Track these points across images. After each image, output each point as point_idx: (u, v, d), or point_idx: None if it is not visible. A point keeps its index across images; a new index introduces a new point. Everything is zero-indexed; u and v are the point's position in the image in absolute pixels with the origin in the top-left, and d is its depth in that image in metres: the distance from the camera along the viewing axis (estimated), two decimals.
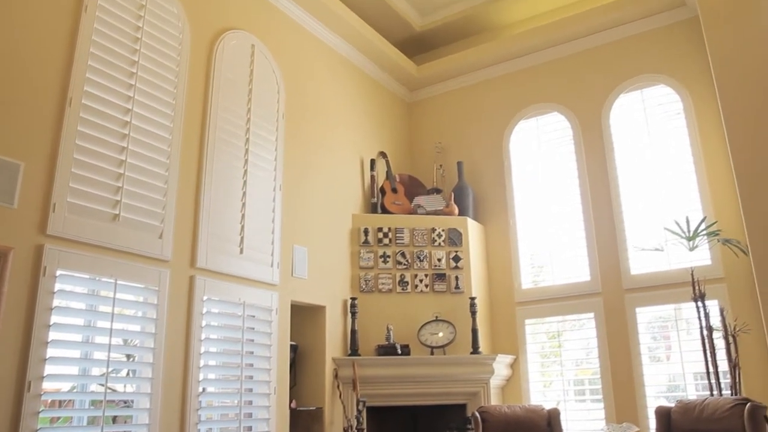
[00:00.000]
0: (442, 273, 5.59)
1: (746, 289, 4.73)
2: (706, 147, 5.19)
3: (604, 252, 5.44)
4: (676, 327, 5.04)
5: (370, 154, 6.06)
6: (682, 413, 4.17)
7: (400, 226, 5.68)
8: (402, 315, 5.43)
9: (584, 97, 5.90)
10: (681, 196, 5.24)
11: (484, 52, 6.30)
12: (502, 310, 5.81)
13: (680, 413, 4.18)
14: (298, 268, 4.82)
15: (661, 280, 5.13)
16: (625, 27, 5.79)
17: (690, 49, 5.44)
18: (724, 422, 3.90)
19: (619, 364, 5.10)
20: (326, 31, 5.68)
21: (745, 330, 4.53)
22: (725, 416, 3.90)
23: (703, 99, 5.29)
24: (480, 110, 6.48)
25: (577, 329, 5.51)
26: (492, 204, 6.15)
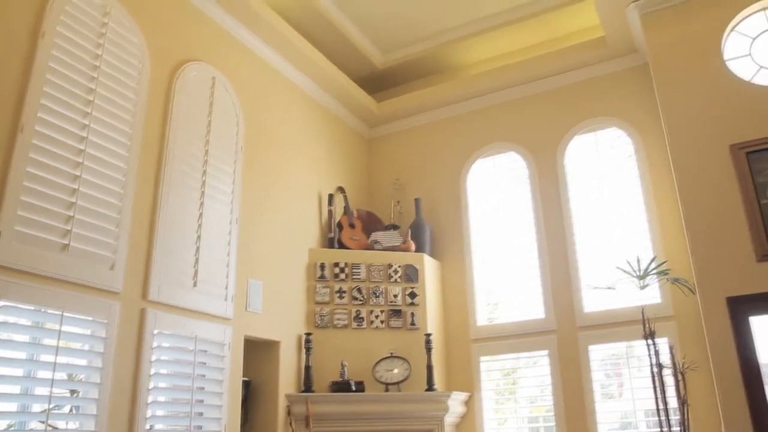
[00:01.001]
0: (398, 309, 5.58)
1: (694, 327, 4.85)
2: (656, 189, 5.36)
3: (558, 290, 5.52)
4: (628, 364, 5.12)
5: (329, 188, 6.07)
6: None
7: (356, 261, 5.67)
8: (357, 351, 5.38)
9: (540, 138, 6.04)
10: (632, 236, 5.37)
11: (443, 91, 6.43)
12: (457, 346, 5.82)
13: None
14: (253, 302, 4.75)
15: (613, 318, 5.22)
16: (580, 71, 5.99)
17: (641, 94, 5.65)
18: None
19: (573, 401, 5.14)
20: (288, 65, 5.72)
21: (693, 367, 4.62)
22: None
23: (653, 142, 5.49)
24: (438, 148, 6.57)
25: (531, 366, 5.54)
26: (449, 241, 6.20)
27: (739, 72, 4.79)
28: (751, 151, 4.55)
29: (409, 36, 6.39)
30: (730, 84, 4.75)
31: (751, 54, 4.87)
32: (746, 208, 4.46)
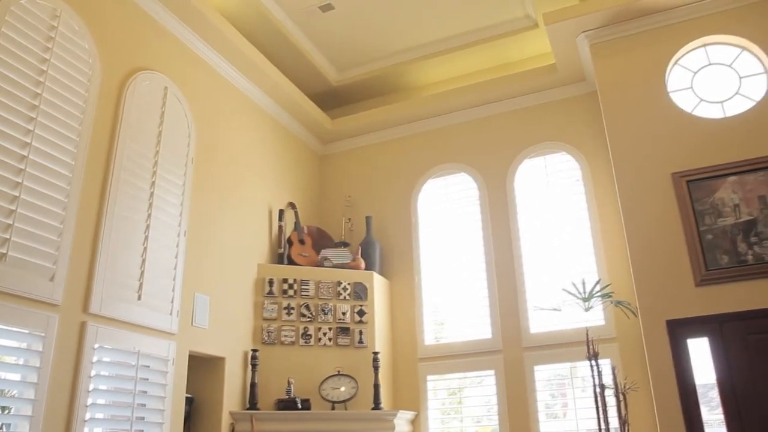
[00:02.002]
0: (346, 327, 5.55)
1: (635, 348, 4.98)
2: (601, 213, 5.51)
3: (505, 310, 5.59)
4: (572, 384, 5.21)
5: (279, 204, 6.02)
6: None
7: (305, 278, 5.62)
8: (304, 368, 5.32)
9: (491, 160, 6.15)
10: (578, 259, 5.50)
11: (397, 111, 6.48)
12: (404, 365, 5.82)
13: None
14: (199, 317, 4.65)
15: (558, 339, 5.31)
16: (531, 96, 6.14)
17: (590, 121, 5.82)
18: None
19: (518, 420, 5.19)
20: (242, 78, 5.68)
21: (634, 388, 4.74)
22: None
23: (599, 168, 5.65)
24: (390, 166, 6.61)
25: (477, 386, 5.58)
26: (398, 259, 6.22)
27: (681, 104, 4.99)
28: (692, 180, 4.74)
29: (364, 55, 6.44)
30: (673, 115, 4.94)
31: (692, 87, 5.08)
32: (686, 235, 4.63)
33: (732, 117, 4.81)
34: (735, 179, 4.63)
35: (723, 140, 4.74)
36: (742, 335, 4.34)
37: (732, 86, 4.98)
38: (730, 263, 4.48)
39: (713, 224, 4.60)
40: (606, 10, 5.10)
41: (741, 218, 4.55)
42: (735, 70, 5.01)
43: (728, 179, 4.65)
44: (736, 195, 4.60)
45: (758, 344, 4.29)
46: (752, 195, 4.57)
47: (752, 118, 4.73)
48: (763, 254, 4.43)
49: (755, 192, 4.56)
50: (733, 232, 4.54)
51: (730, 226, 4.56)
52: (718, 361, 4.35)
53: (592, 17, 5.17)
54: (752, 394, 4.20)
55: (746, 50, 5.00)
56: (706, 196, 4.67)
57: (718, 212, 4.61)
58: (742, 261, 4.46)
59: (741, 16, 4.98)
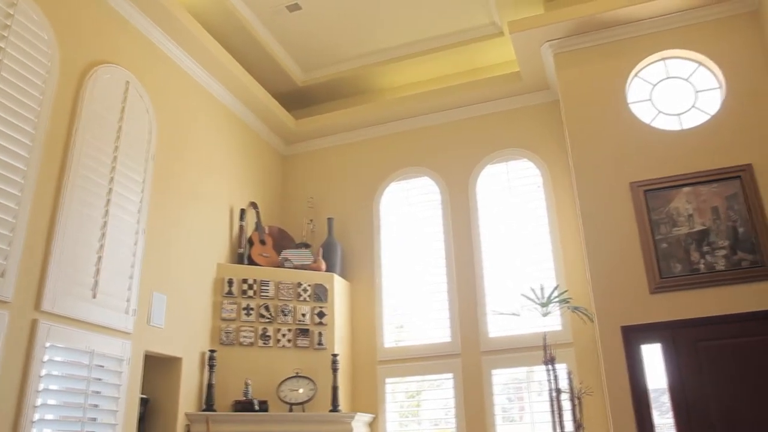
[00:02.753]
0: (306, 328, 5.52)
1: (591, 354, 5.07)
2: (561, 220, 5.60)
3: (464, 314, 5.63)
4: (528, 389, 5.28)
5: (241, 203, 5.96)
6: None
7: (266, 278, 5.58)
8: (262, 370, 5.27)
9: (454, 165, 6.19)
10: (538, 265, 5.57)
11: (361, 113, 6.48)
12: (363, 368, 5.81)
13: None
14: (156, 316, 4.57)
15: (516, 344, 5.38)
16: (495, 102, 6.21)
17: (552, 129, 5.91)
18: None
19: (475, 424, 5.24)
20: (206, 75, 5.61)
21: (588, 392, 4.82)
22: None
23: (560, 176, 5.74)
24: (354, 169, 6.61)
25: (436, 389, 5.61)
26: (360, 262, 6.22)
27: (640, 115, 5.11)
28: (649, 190, 4.85)
29: (331, 56, 6.43)
30: (633, 125, 5.06)
31: (651, 99, 5.21)
32: (642, 243, 4.74)
33: (688, 130, 4.94)
34: (690, 190, 4.76)
35: (679, 152, 4.87)
36: (693, 342, 4.46)
37: (689, 100, 5.12)
38: (683, 272, 4.60)
39: (668, 233, 4.72)
40: (570, 21, 5.19)
41: (694, 228, 4.68)
42: (692, 84, 5.15)
43: (683, 190, 4.78)
44: (691, 205, 4.73)
45: (707, 351, 4.41)
46: (705, 206, 4.70)
47: (707, 132, 4.87)
48: (714, 263, 4.56)
49: (708, 203, 4.70)
50: (687, 242, 4.66)
51: (684, 236, 4.68)
52: (669, 366, 4.46)
53: (557, 27, 5.26)
54: (701, 398, 4.32)
55: (703, 65, 5.15)
56: (662, 206, 4.79)
57: (673, 222, 4.73)
58: (694, 270, 4.59)
59: (698, 32, 5.13)
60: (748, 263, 4.49)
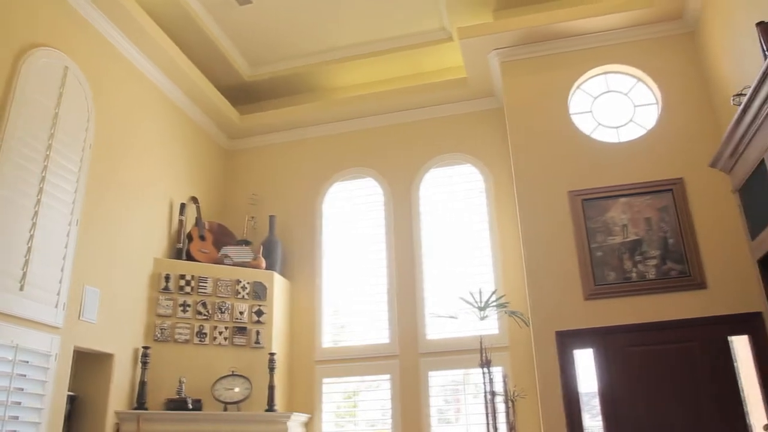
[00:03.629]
0: (244, 326, 5.45)
1: (526, 357, 5.17)
2: (501, 226, 5.70)
3: (403, 316, 5.67)
4: (465, 391, 5.35)
5: (181, 197, 5.83)
6: None
7: (204, 275, 5.47)
8: (197, 368, 5.17)
9: (398, 167, 6.22)
10: (477, 269, 5.66)
11: (308, 111, 6.44)
12: (301, 367, 5.77)
13: None
14: (88, 311, 4.42)
15: (453, 346, 5.44)
16: (441, 107, 6.27)
17: (495, 136, 6.01)
18: None
19: (412, 425, 5.27)
20: (150, 65, 5.46)
21: (522, 395, 4.93)
22: None
23: (502, 182, 5.84)
24: (298, 167, 6.55)
25: (373, 390, 5.62)
26: (300, 261, 6.17)
27: (581, 126, 5.25)
28: (586, 199, 4.99)
29: (279, 52, 6.36)
30: (573, 136, 5.20)
31: (592, 111, 5.36)
32: (578, 251, 4.87)
33: (625, 142, 5.11)
34: (625, 201, 4.92)
35: (616, 163, 5.03)
36: (623, 347, 4.61)
37: (627, 114, 5.29)
38: (616, 279, 4.76)
39: (603, 242, 4.87)
40: (517, 31, 5.29)
41: (628, 237, 4.84)
42: (630, 99, 5.33)
43: (619, 200, 4.93)
44: (626, 216, 4.89)
45: (637, 356, 4.57)
46: (639, 216, 4.87)
47: (643, 145, 5.05)
48: (645, 272, 4.72)
49: (642, 214, 4.87)
50: (621, 251, 4.82)
51: (618, 245, 4.84)
52: (600, 371, 4.59)
53: (504, 36, 5.35)
54: (629, 402, 4.47)
55: (641, 81, 5.34)
56: (598, 215, 4.93)
57: (609, 231, 4.88)
58: (626, 278, 4.74)
59: (639, 49, 5.32)
60: (677, 273, 4.68)
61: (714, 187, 4.77)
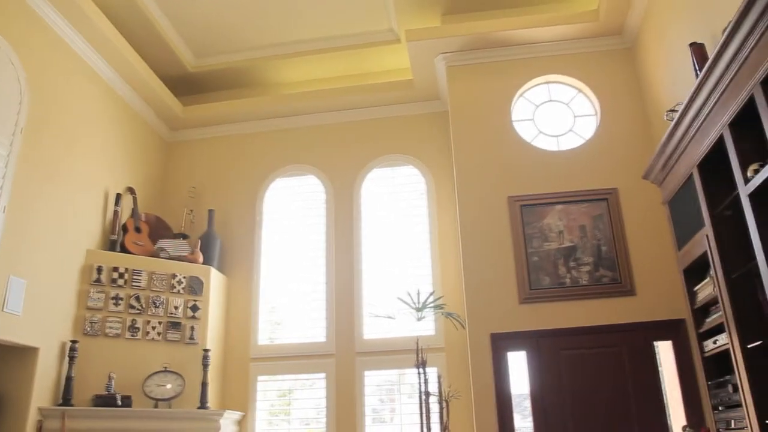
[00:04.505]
0: (178, 322, 5.33)
1: (461, 359, 5.25)
2: (441, 228, 5.77)
3: (341, 315, 5.66)
4: (400, 391, 5.39)
5: (117, 187, 5.66)
6: None
7: (138, 268, 5.33)
8: (128, 363, 5.03)
9: (341, 165, 6.21)
10: (416, 270, 5.70)
11: (252, 106, 6.36)
12: (235, 364, 5.69)
13: None
14: (12, 302, 4.23)
15: (390, 346, 5.47)
16: (386, 108, 6.30)
17: (439, 139, 6.07)
18: None
19: (346, 424, 5.27)
20: (90, 49, 5.27)
21: (456, 396, 4.99)
22: None
23: (443, 185, 5.91)
24: (239, 161, 6.46)
25: (308, 388, 5.59)
26: (239, 256, 6.09)
27: (522, 133, 5.37)
28: (525, 205, 5.11)
29: (225, 45, 6.24)
30: (515, 142, 5.31)
31: (533, 119, 5.49)
32: (515, 255, 4.98)
33: (564, 151, 5.26)
34: (561, 208, 5.06)
35: (555, 171, 5.17)
36: (555, 350, 4.74)
37: (567, 123, 5.44)
38: (551, 284, 4.89)
39: (540, 247, 4.99)
40: (464, 36, 5.37)
41: (564, 244, 4.98)
42: (571, 109, 5.49)
43: (556, 207, 5.07)
44: (561, 222, 5.03)
45: (568, 359, 4.70)
46: (575, 224, 5.01)
47: (581, 155, 5.20)
48: (578, 278, 4.87)
49: (577, 221, 5.01)
50: (556, 256, 4.95)
51: (553, 251, 4.97)
52: (532, 373, 4.71)
53: (451, 41, 5.42)
54: (559, 404, 4.60)
55: (582, 92, 5.50)
56: (536, 221, 5.06)
57: (545, 237, 5.01)
58: (561, 283, 4.88)
59: (580, 61, 5.48)
60: (608, 279, 4.84)
61: (646, 199, 4.96)
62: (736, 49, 2.79)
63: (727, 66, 2.90)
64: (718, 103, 3.08)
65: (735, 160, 2.93)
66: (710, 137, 3.20)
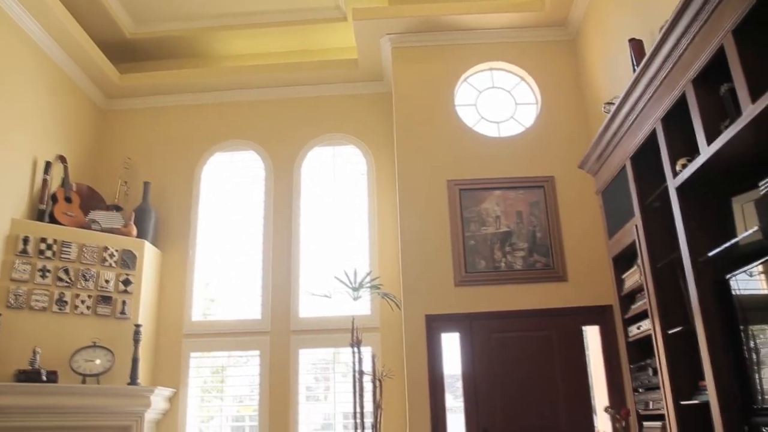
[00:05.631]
0: (109, 296, 5.20)
1: (396, 339, 5.31)
2: (380, 209, 5.79)
3: (277, 293, 5.63)
4: (334, 369, 5.42)
5: (47, 155, 5.43)
6: None
7: (68, 239, 5.15)
8: (55, 337, 4.87)
9: (281, 142, 6.14)
10: (353, 250, 5.72)
11: (192, 77, 6.19)
12: (168, 340, 5.59)
13: None
14: None
15: (325, 325, 5.49)
16: (330, 86, 6.24)
17: (381, 120, 6.08)
18: None
19: (280, 401, 5.27)
20: (22, 11, 5.01)
21: (390, 375, 5.05)
22: None
23: (384, 165, 5.93)
24: (178, 133, 6.29)
25: (242, 366, 5.56)
26: (174, 231, 5.95)
27: (464, 118, 5.43)
28: (464, 189, 5.18)
29: (167, 12, 6.03)
30: (456, 127, 5.37)
31: (476, 105, 5.56)
32: (452, 238, 5.05)
33: (505, 137, 5.35)
34: (500, 193, 5.16)
35: (495, 157, 5.25)
36: (488, 333, 4.86)
37: (509, 110, 5.53)
38: (486, 268, 4.99)
39: (477, 231, 5.08)
40: (411, 18, 5.37)
41: (500, 229, 5.08)
42: (513, 97, 5.58)
43: (494, 192, 5.16)
44: (499, 207, 5.13)
45: (499, 342, 4.83)
46: (511, 209, 5.12)
47: (521, 142, 5.31)
48: (513, 263, 4.99)
49: (514, 207, 5.13)
50: (492, 241, 5.06)
51: (490, 235, 5.07)
52: (465, 354, 4.82)
53: (398, 22, 5.41)
54: (489, 385, 4.73)
55: (524, 81, 5.59)
56: (474, 205, 5.14)
57: (482, 221, 5.10)
58: (496, 267, 4.99)
59: (524, 50, 5.57)
60: (541, 265, 4.98)
61: (581, 188, 5.11)
62: (672, 47, 2.89)
63: (663, 63, 3.00)
64: (652, 98, 3.19)
65: (665, 154, 3.05)
66: (644, 131, 3.31)
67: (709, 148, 2.57)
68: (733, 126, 2.37)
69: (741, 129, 2.33)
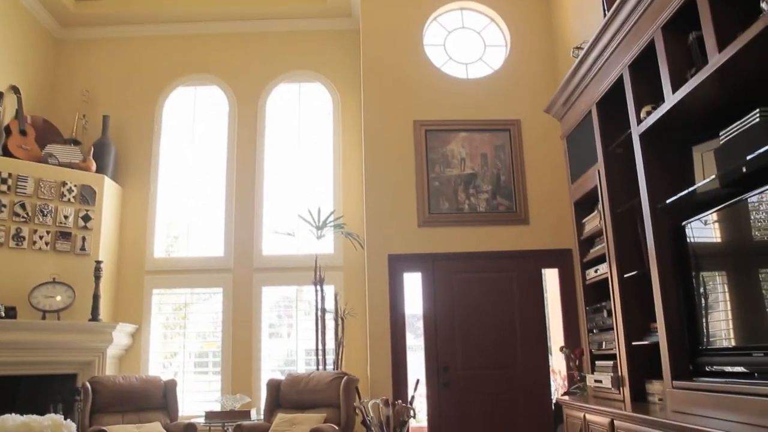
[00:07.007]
0: (68, 232, 5.11)
1: (358, 278, 5.37)
2: (346, 148, 5.75)
3: (240, 230, 5.61)
4: (297, 307, 5.47)
5: None
6: (290, 385, 4.57)
7: (24, 173, 5.02)
8: (13, 273, 4.80)
9: (246, 78, 6.00)
10: (318, 188, 5.70)
11: (152, 6, 5.95)
12: (129, 277, 5.55)
13: (289, 385, 4.57)
14: None
15: (289, 263, 5.51)
16: (296, 21, 6.07)
17: (348, 58, 5.96)
18: (324, 393, 4.42)
19: (242, 338, 5.33)
20: None
21: (352, 314, 5.13)
22: (325, 387, 4.43)
23: (350, 104, 5.85)
24: (138, 66, 6.08)
25: (204, 302, 5.57)
26: (135, 166, 5.83)
27: (433, 58, 5.36)
28: (430, 130, 5.16)
29: None
30: (424, 67, 5.30)
31: (444, 45, 5.48)
32: (417, 179, 5.07)
33: (473, 79, 5.31)
34: (465, 135, 5.16)
35: (462, 98, 5.23)
36: (450, 273, 4.94)
37: (478, 52, 5.47)
38: (449, 210, 5.03)
39: (441, 173, 5.09)
40: None
41: (465, 171, 5.10)
42: (482, 38, 5.51)
43: (460, 134, 5.16)
44: (464, 149, 5.14)
45: (461, 282, 4.92)
46: (477, 152, 5.14)
47: (488, 84, 5.28)
48: (476, 205, 5.04)
49: (480, 149, 5.14)
50: (456, 183, 5.08)
51: (455, 177, 5.09)
52: (427, 294, 4.90)
53: None
54: (450, 324, 4.84)
55: (494, 22, 5.52)
56: (439, 146, 5.14)
57: (447, 162, 5.11)
58: (459, 209, 5.03)
59: None
60: (504, 208, 5.04)
61: (546, 132, 5.13)
62: None
63: (633, 8, 2.98)
64: (621, 43, 3.18)
65: (631, 100, 3.06)
66: (611, 77, 3.32)
67: (674, 95, 2.59)
68: (699, 74, 2.39)
69: (706, 78, 2.34)
